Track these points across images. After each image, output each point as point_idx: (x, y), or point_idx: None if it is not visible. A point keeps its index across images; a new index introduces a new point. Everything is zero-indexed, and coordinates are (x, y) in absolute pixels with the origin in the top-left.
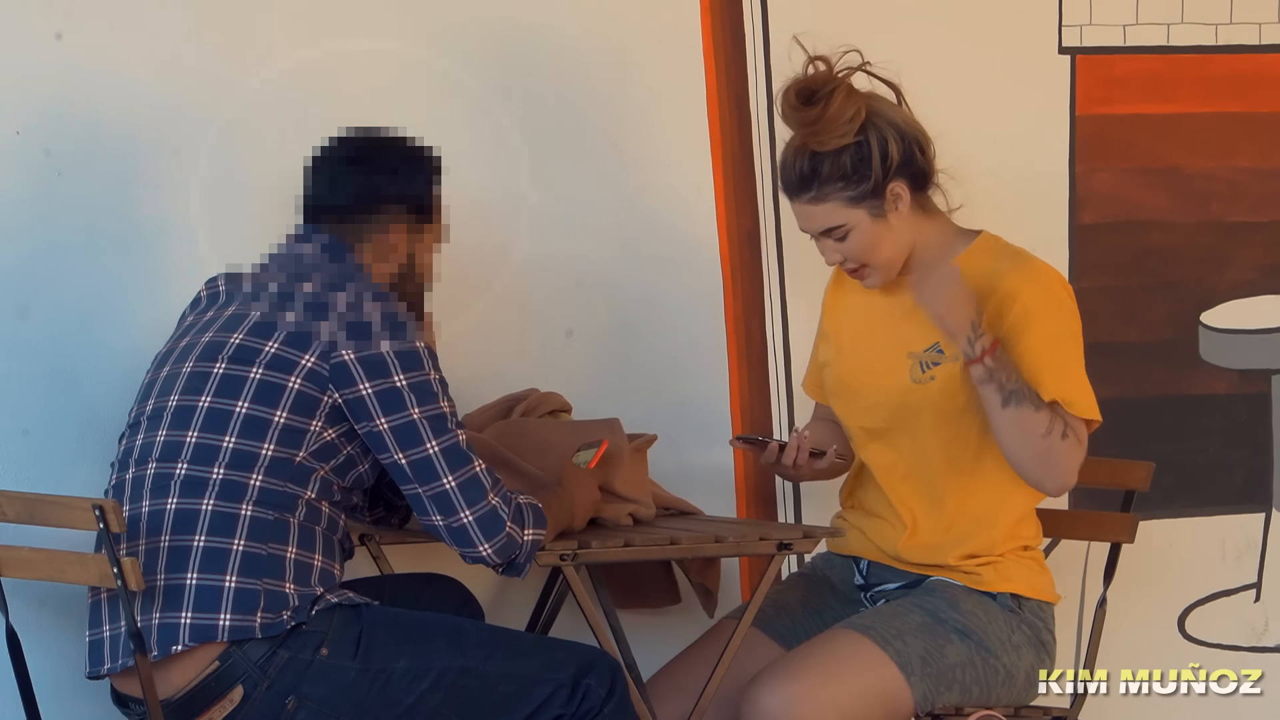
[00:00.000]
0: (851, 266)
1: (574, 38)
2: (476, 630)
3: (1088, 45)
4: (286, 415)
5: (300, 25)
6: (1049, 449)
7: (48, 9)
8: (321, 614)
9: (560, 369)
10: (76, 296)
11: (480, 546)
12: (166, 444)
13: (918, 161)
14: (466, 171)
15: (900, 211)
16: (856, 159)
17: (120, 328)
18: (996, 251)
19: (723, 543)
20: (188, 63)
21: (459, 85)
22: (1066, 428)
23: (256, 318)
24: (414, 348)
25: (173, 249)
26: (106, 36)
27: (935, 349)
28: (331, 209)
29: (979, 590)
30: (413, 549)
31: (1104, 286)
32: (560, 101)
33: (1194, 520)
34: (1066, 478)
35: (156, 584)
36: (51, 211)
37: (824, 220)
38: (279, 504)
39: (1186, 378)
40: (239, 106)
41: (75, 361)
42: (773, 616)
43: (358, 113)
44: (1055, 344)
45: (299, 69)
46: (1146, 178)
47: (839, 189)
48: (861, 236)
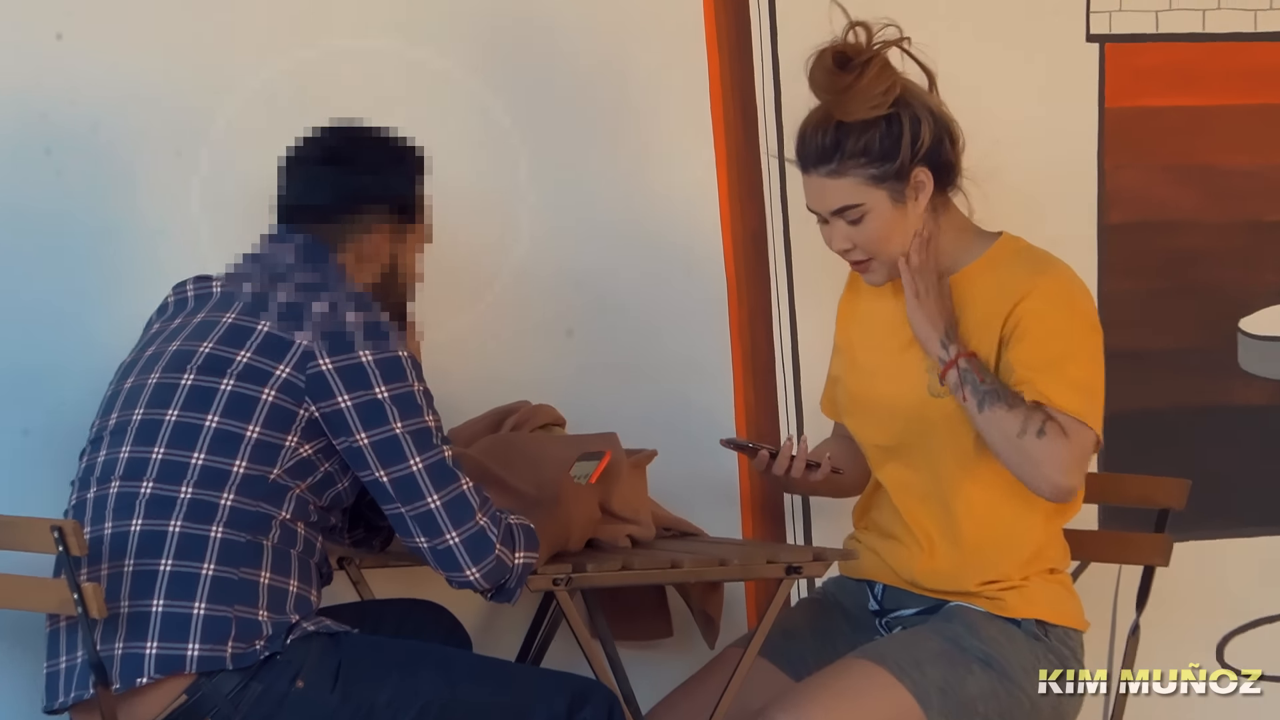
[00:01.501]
0: (859, 257)
1: (574, 36)
2: (464, 660)
3: (1117, 33)
4: (260, 430)
5: (300, 25)
6: (1025, 448)
7: (48, 9)
8: (297, 643)
9: (558, 374)
10: (77, 297)
11: (467, 570)
12: (131, 461)
13: (946, 152)
14: (466, 171)
15: (919, 203)
16: (885, 136)
17: (120, 328)
18: (1017, 254)
19: (728, 566)
20: (188, 63)
21: (459, 85)
22: (1045, 424)
23: (227, 325)
24: (396, 357)
25: (173, 249)
26: (106, 36)
27: None
28: (309, 210)
29: (1002, 616)
30: (395, 573)
31: (1133, 290)
32: (560, 100)
33: (1233, 541)
34: (1057, 477)
35: (120, 611)
36: (52, 211)
37: (840, 197)
38: (252, 525)
39: (1223, 388)
40: (239, 106)
41: (76, 362)
42: (781, 644)
43: (357, 112)
44: (1052, 343)
45: (299, 69)
46: (1179, 174)
47: (862, 165)
48: (877, 221)
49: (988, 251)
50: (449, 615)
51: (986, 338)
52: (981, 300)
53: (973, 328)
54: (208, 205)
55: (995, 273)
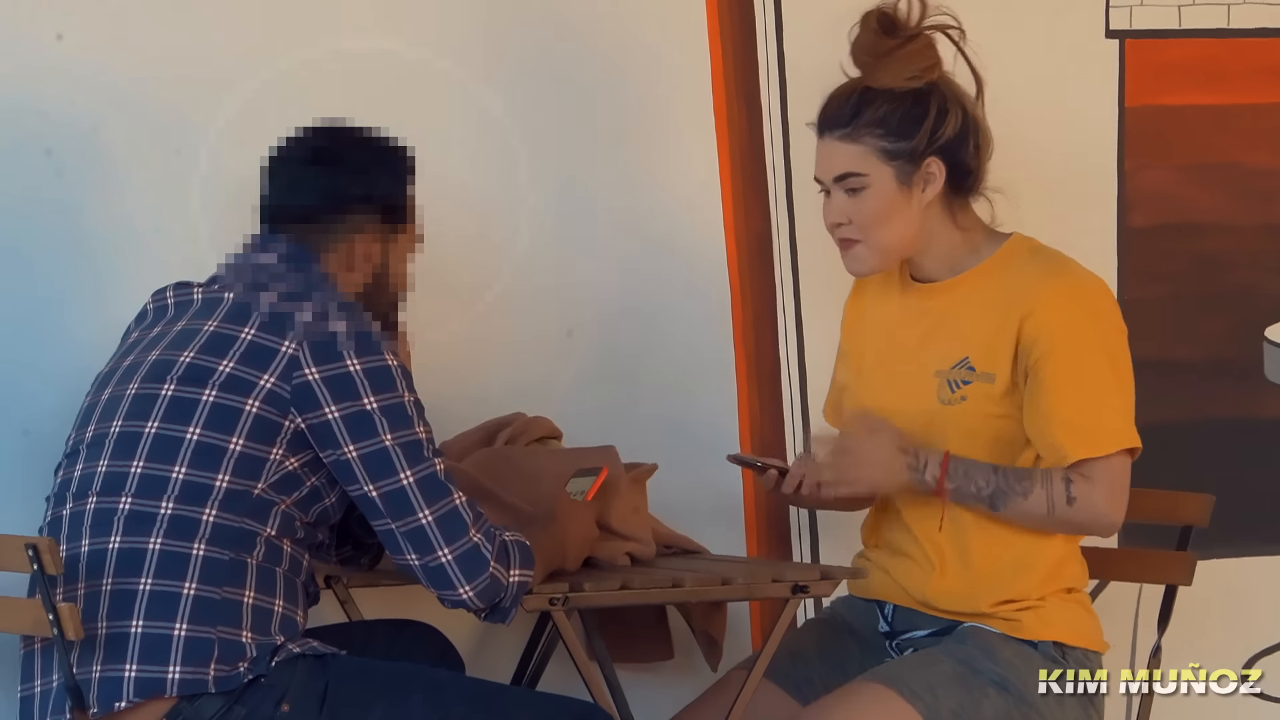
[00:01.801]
0: (848, 235)
1: (574, 35)
2: (456, 683)
3: (1138, 28)
4: (243, 442)
5: (300, 25)
6: (1061, 520)
7: (48, 9)
8: (283, 665)
9: (555, 383)
10: (76, 297)
11: (460, 589)
12: (109, 475)
13: (967, 154)
14: (466, 171)
15: (925, 195)
16: (907, 113)
17: (121, 329)
18: (1027, 256)
19: (731, 585)
20: (188, 63)
21: (459, 84)
22: (1070, 485)
23: (209, 333)
24: (386, 365)
25: (173, 249)
26: (107, 36)
27: (965, 365)
28: (294, 213)
29: (1018, 638)
30: (385, 592)
31: (1156, 297)
32: (560, 100)
33: (1259, 560)
34: (1103, 525)
35: (98, 632)
36: (52, 211)
37: (846, 163)
38: (235, 542)
39: (1250, 400)
40: (239, 106)
41: (76, 362)
42: (787, 667)
43: (358, 112)
44: (1075, 380)
45: (299, 69)
46: (1203, 175)
47: (877, 135)
48: (877, 199)
49: (996, 253)
50: (441, 636)
51: (998, 348)
52: (987, 305)
53: (978, 334)
54: (207, 205)
55: (1003, 275)
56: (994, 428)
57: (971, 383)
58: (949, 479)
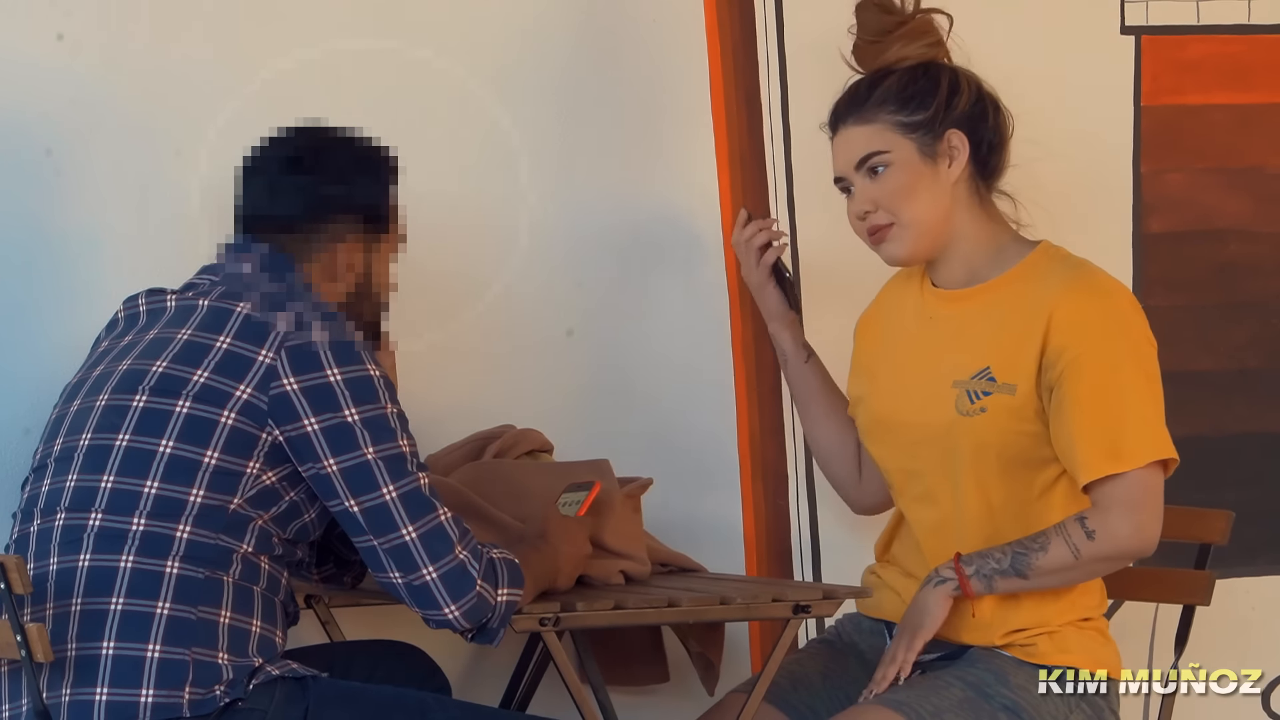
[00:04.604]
0: (878, 221)
1: (573, 34)
2: (442, 707)
3: (1155, 24)
4: (218, 456)
5: (300, 25)
6: (1095, 558)
7: (48, 9)
8: (261, 688)
9: (546, 395)
10: (76, 297)
11: (446, 608)
12: (78, 490)
13: (986, 128)
14: (466, 171)
15: (953, 171)
16: (918, 85)
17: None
18: (1053, 265)
19: (730, 605)
20: (188, 63)
21: (458, 84)
22: (1084, 521)
23: (183, 342)
24: (368, 376)
25: (173, 249)
26: (107, 36)
27: (985, 375)
28: (271, 219)
29: (1031, 663)
30: (368, 612)
31: (1174, 306)
32: (560, 99)
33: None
34: (1133, 548)
35: (67, 654)
36: (52, 211)
37: (866, 144)
38: (210, 560)
39: (1271, 413)
40: (239, 106)
41: (76, 362)
42: (788, 690)
43: (357, 112)
44: (1101, 393)
45: (299, 69)
46: (1224, 178)
47: (891, 111)
48: (902, 174)
49: (1023, 260)
50: (426, 658)
51: (1021, 359)
52: (1011, 314)
53: (1000, 344)
54: (208, 205)
55: (1029, 284)
56: (1010, 444)
57: (992, 394)
58: (965, 565)
